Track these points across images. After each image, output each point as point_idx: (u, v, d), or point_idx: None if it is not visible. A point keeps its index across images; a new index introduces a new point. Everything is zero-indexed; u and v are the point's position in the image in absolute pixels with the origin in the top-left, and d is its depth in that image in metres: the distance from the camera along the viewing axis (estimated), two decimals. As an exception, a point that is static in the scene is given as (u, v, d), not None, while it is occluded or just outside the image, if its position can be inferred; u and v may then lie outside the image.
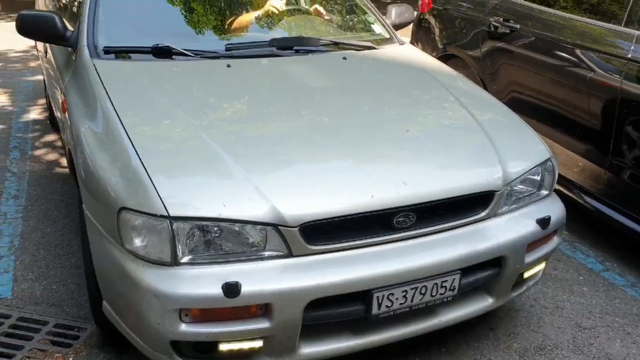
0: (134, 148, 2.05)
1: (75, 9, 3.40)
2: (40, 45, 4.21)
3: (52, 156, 4.29)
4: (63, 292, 2.78)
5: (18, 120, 4.99)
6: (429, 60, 3.20)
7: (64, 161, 4.21)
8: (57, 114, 3.38)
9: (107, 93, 2.38)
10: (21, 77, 6.25)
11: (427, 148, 2.27)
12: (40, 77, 6.05)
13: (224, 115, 2.41)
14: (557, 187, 2.71)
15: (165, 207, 1.84)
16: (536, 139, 2.49)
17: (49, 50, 3.55)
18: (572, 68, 3.30)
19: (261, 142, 2.20)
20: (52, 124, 4.81)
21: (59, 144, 4.51)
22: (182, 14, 3.18)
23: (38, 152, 4.35)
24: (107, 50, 2.69)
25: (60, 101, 2.87)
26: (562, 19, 3.49)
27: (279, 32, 3.16)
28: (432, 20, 4.66)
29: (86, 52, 2.68)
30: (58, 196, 3.70)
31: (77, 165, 2.32)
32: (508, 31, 3.79)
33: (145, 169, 1.95)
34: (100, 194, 2.05)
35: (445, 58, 4.43)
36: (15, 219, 3.41)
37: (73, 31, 2.83)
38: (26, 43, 7.55)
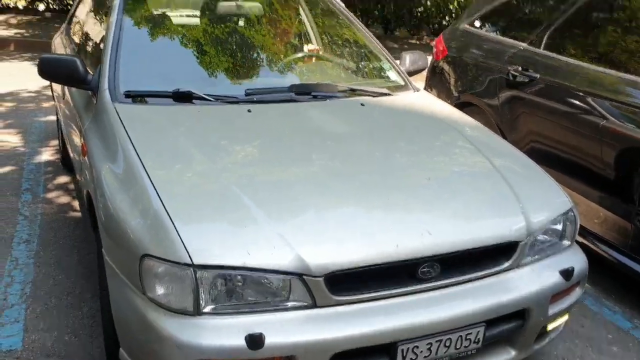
0: (157, 193, 2.04)
1: (90, 50, 3.52)
2: (56, 86, 4.19)
3: (64, 199, 4.24)
4: (75, 343, 2.69)
5: (30, 161, 4.96)
6: (445, 108, 3.21)
7: (76, 204, 4.16)
8: (73, 156, 3.37)
9: (129, 137, 2.38)
10: (33, 117, 6.25)
11: (449, 197, 2.24)
12: (53, 118, 6.05)
13: (246, 160, 2.41)
14: (579, 239, 2.66)
15: (189, 255, 1.82)
16: (557, 189, 2.48)
17: (66, 93, 3.53)
18: (594, 118, 3.27)
19: (284, 188, 2.19)
20: (64, 165, 4.79)
21: (71, 186, 4.48)
22: (200, 59, 3.23)
23: (50, 195, 4.30)
24: (128, 94, 2.71)
25: (80, 144, 2.86)
26: (583, 69, 3.47)
27: (297, 78, 3.22)
28: (446, 68, 4.66)
29: (107, 95, 2.69)
30: (70, 241, 3.63)
31: (98, 209, 2.28)
32: (527, 80, 3.77)
33: (168, 214, 1.93)
34: (122, 239, 2.03)
35: (460, 105, 4.40)
36: (27, 264, 3.34)
37: (93, 75, 2.85)
38: (38, 84, 7.60)
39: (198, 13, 3.64)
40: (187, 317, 1.83)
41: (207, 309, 1.84)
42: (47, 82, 6.09)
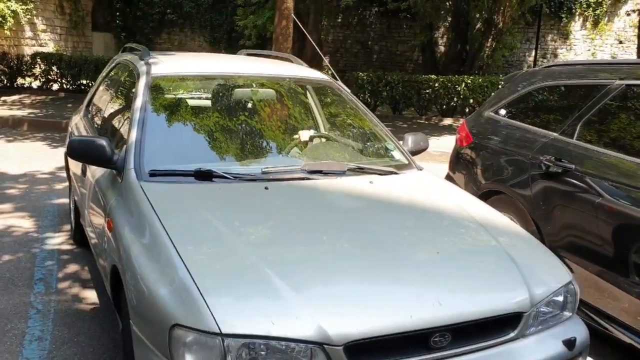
0: (185, 266, 2.16)
1: (113, 131, 3.69)
2: (74, 166, 4.28)
3: (78, 290, 4.07)
4: None
5: (43, 248, 4.81)
6: (448, 186, 3.39)
7: (90, 295, 3.98)
8: (91, 233, 3.51)
9: (155, 213, 2.52)
10: (46, 200, 6.16)
11: (457, 271, 2.37)
12: (66, 200, 5.97)
13: (267, 235, 2.57)
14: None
15: (217, 325, 1.93)
16: (558, 262, 2.65)
17: (88, 172, 3.61)
18: (633, 211, 3.14)
19: (304, 262, 2.34)
20: (75, 242, 4.85)
21: (85, 275, 4.31)
22: (219, 140, 3.42)
23: (63, 285, 4.13)
24: (153, 173, 2.86)
25: (105, 220, 2.94)
26: (619, 161, 3.38)
27: (308, 158, 3.41)
28: (471, 155, 4.59)
29: (133, 174, 2.84)
30: (85, 339, 3.43)
31: (126, 282, 2.38)
32: (560, 170, 3.68)
33: (197, 286, 2.05)
34: (151, 310, 2.13)
35: (487, 194, 4.31)
36: (39, 366, 3.14)
37: (118, 155, 3.01)
38: (52, 165, 7.58)
39: (212, 100, 3.85)
40: None
41: None
42: (61, 164, 6.07)
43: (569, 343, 2.33)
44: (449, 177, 4.91)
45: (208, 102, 3.87)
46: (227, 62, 4.20)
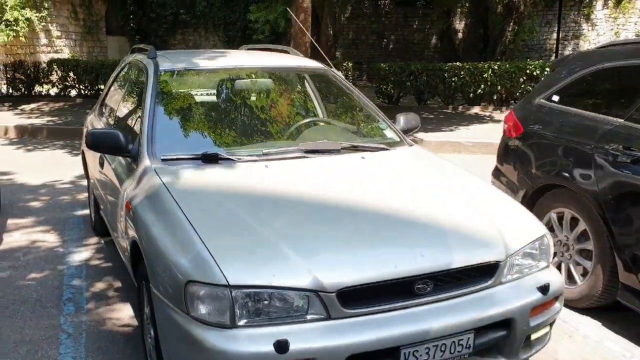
0: (196, 232, 2.49)
1: (126, 124, 4.02)
2: (91, 160, 4.68)
3: (109, 310, 3.81)
4: None
5: (70, 264, 4.57)
6: (435, 159, 3.64)
7: (122, 315, 3.72)
8: (109, 217, 3.97)
9: (168, 191, 2.86)
10: (69, 211, 5.93)
11: (437, 226, 2.68)
12: (86, 212, 5.75)
13: (267, 203, 2.84)
14: None
15: (225, 278, 2.24)
16: (533, 219, 2.92)
17: (105, 164, 3.98)
18: None
19: (301, 224, 2.67)
20: (95, 231, 5.16)
21: (115, 292, 4.06)
22: (221, 127, 3.77)
23: (94, 305, 3.88)
24: (165, 159, 3.19)
25: (124, 203, 3.24)
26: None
27: (304, 139, 3.61)
28: (523, 146, 4.24)
29: (147, 160, 3.19)
30: (120, 365, 3.18)
31: (145, 251, 2.73)
32: (629, 160, 3.33)
33: (207, 248, 2.38)
34: (169, 272, 2.45)
35: (544, 188, 3.96)
36: (74, 399, 2.88)
37: (133, 144, 3.32)
38: (73, 173, 7.36)
39: (215, 91, 4.20)
40: (225, 330, 2.25)
41: (241, 322, 2.25)
42: (81, 172, 5.87)
43: (543, 289, 2.60)
44: (497, 171, 4.58)
45: (211, 93, 4.21)
46: (228, 57, 4.50)
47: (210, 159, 3.19)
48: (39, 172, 7.62)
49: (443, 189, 3.11)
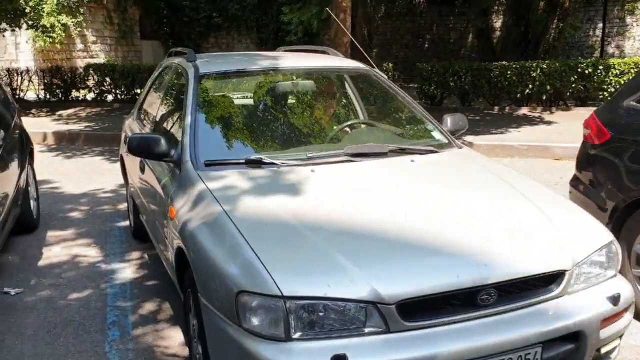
0: (246, 240, 2.40)
1: (167, 129, 3.92)
2: (131, 166, 4.58)
3: (157, 337, 3.50)
4: None
5: (113, 282, 4.29)
6: (487, 161, 3.49)
7: (172, 344, 3.41)
8: (151, 223, 3.90)
9: (215, 198, 2.77)
10: (111, 222, 5.67)
11: (500, 233, 2.53)
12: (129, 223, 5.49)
13: (318, 212, 2.68)
14: None
15: (279, 289, 2.13)
16: (599, 225, 2.75)
17: (146, 169, 3.88)
18: None
19: (352, 232, 2.51)
20: (135, 236, 5.08)
21: (163, 315, 3.75)
22: (264, 130, 3.67)
23: (141, 331, 3.57)
24: (208, 164, 3.12)
25: (167, 209, 3.15)
26: None
27: (349, 142, 3.49)
28: (610, 154, 3.79)
29: (190, 165, 3.12)
30: (173, 403, 2.86)
31: (192, 260, 2.62)
32: None
33: (259, 258, 2.27)
34: (219, 281, 2.36)
35: (639, 203, 3.52)
36: None
37: (175, 149, 3.26)
38: (114, 181, 7.13)
39: (256, 94, 4.09)
40: (280, 343, 2.13)
41: (296, 335, 2.13)
42: (121, 180, 5.66)
43: (614, 299, 2.45)
44: (576, 180, 4.15)
45: (252, 96, 4.10)
46: (268, 58, 4.30)
47: (253, 164, 3.12)
48: (78, 180, 7.43)
49: (500, 193, 2.95)
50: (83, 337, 3.51)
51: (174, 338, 3.47)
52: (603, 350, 2.50)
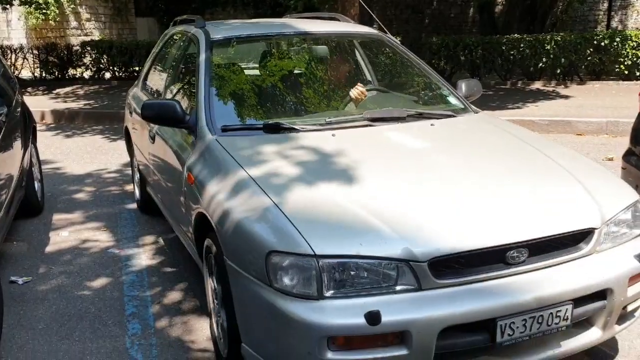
0: (273, 202, 2.37)
1: (179, 96, 3.83)
2: (140, 136, 4.47)
3: (182, 330, 3.19)
4: None
5: (128, 269, 3.97)
6: (506, 124, 3.45)
7: (199, 337, 3.10)
8: (162, 193, 3.90)
9: (236, 162, 2.74)
10: (119, 204, 5.34)
11: (528, 192, 2.52)
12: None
13: (343, 174, 2.62)
14: None
15: (311, 248, 2.14)
16: (624, 184, 2.76)
17: (157, 138, 3.82)
18: None
19: (381, 192, 2.46)
20: (142, 210, 4.98)
21: (187, 305, 3.44)
22: (280, 96, 3.57)
23: (163, 323, 3.26)
24: (225, 129, 3.07)
25: (185, 175, 3.10)
26: None
27: (367, 107, 3.45)
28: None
29: (207, 130, 3.06)
30: (209, 406, 2.56)
31: (217, 223, 2.56)
32: None
33: (287, 218, 2.26)
34: (247, 243, 2.33)
35: None
36: None
37: (190, 115, 3.20)
38: (118, 161, 6.80)
39: (269, 60, 3.99)
40: (312, 301, 2.13)
41: (329, 294, 2.13)
42: (127, 160, 5.45)
43: None
44: (631, 154, 3.83)
45: (265, 61, 3.97)
46: (279, 24, 4.23)
47: (272, 129, 3.07)
48: (80, 159, 7.08)
49: (524, 152, 2.94)
50: (100, 330, 3.20)
51: (201, 331, 3.16)
52: (630, 307, 2.52)
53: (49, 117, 9.89)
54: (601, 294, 2.38)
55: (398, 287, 2.15)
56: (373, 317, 2.04)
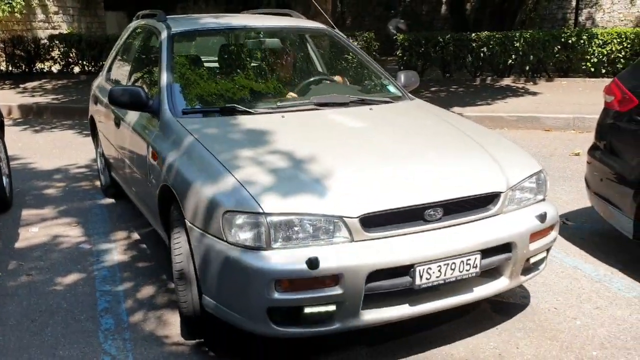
0: (226, 168, 2.75)
1: (142, 83, 4.21)
2: (105, 123, 4.78)
3: (156, 325, 3.19)
4: None
5: (100, 264, 3.94)
6: (435, 108, 3.92)
7: (173, 332, 3.10)
8: (128, 177, 4.15)
9: (195, 139, 3.08)
10: (89, 200, 5.28)
11: (445, 161, 2.99)
12: (112, 201, 5.11)
13: (290, 145, 2.99)
14: None
15: (260, 207, 2.52)
16: (529, 157, 3.20)
17: (122, 123, 4.13)
18: None
19: (322, 159, 2.86)
20: (110, 195, 5.21)
21: (160, 299, 3.44)
22: (234, 83, 3.85)
23: (137, 318, 3.25)
24: (185, 112, 3.43)
25: (149, 153, 3.45)
26: None
27: (315, 94, 3.86)
28: (637, 124, 3.58)
29: (169, 113, 3.41)
30: (183, 399, 2.57)
31: (179, 191, 2.92)
32: None
33: (240, 183, 2.64)
34: (206, 206, 2.67)
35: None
36: None
37: (153, 100, 3.53)
38: (87, 156, 6.71)
39: (225, 51, 4.41)
40: (261, 251, 2.50)
41: (276, 245, 2.51)
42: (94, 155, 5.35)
43: (541, 217, 2.89)
44: (595, 149, 3.94)
45: (223, 52, 4.36)
46: (235, 18, 4.68)
47: (228, 112, 3.44)
48: (49, 155, 6.97)
49: (447, 131, 3.39)
50: (73, 326, 3.17)
51: (174, 325, 3.16)
52: (532, 260, 2.96)
53: (17, 112, 9.71)
54: (506, 248, 2.80)
55: (334, 239, 2.54)
56: (312, 263, 2.40)
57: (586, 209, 4.66)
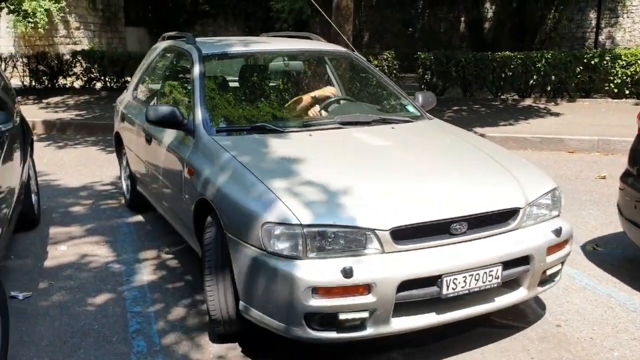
0: (263, 183, 2.94)
1: (174, 102, 4.38)
2: (134, 140, 4.93)
3: (188, 347, 3.17)
4: None
5: (130, 284, 3.94)
6: (453, 128, 4.14)
7: (205, 355, 3.08)
8: (157, 191, 4.38)
9: (231, 155, 3.27)
10: (117, 218, 5.30)
11: (468, 179, 3.19)
12: (141, 219, 5.13)
13: (321, 162, 3.25)
14: None
15: (297, 218, 2.70)
16: (545, 175, 3.38)
17: (153, 140, 4.31)
18: None
19: (353, 178, 3.03)
20: (131, 208, 5.42)
21: (192, 321, 3.42)
22: (263, 103, 4.16)
23: (169, 340, 3.24)
24: (219, 130, 3.65)
25: (185, 169, 3.62)
26: None
27: (338, 113, 4.10)
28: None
29: (204, 131, 3.60)
30: None
31: (218, 204, 3.09)
32: None
33: (278, 197, 2.82)
34: (245, 218, 2.86)
35: None
36: None
37: (187, 119, 3.75)
38: (113, 173, 6.74)
39: (252, 73, 4.78)
40: (299, 261, 2.67)
41: (311, 255, 2.69)
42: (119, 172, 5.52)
43: (557, 231, 3.08)
44: (628, 176, 3.89)
45: (246, 73, 4.72)
46: (260, 42, 4.85)
47: (259, 130, 3.63)
48: (74, 171, 7.03)
49: (466, 149, 3.60)
50: (105, 347, 3.17)
51: (207, 348, 3.15)
52: (548, 272, 3.13)
53: (40, 128, 9.82)
54: (525, 260, 2.98)
55: (366, 250, 2.71)
56: (347, 272, 2.59)
57: (616, 235, 4.61)
